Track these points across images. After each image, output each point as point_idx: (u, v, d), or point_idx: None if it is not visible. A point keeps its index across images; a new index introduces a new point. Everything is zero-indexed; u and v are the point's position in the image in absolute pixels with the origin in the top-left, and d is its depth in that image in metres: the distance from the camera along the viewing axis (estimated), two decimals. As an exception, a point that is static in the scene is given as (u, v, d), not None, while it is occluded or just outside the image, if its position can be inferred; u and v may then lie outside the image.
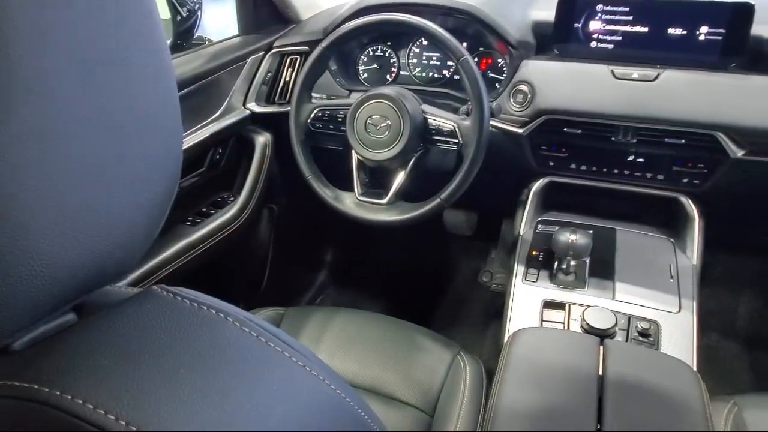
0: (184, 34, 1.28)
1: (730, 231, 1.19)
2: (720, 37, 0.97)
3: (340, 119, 1.08)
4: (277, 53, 1.27)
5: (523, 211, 1.15)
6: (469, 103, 0.99)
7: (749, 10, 0.93)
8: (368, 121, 1.02)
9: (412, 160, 1.05)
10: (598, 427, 0.69)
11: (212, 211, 1.19)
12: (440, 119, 1.02)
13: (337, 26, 1.14)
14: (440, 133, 1.02)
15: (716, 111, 0.95)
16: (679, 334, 0.90)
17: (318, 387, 0.31)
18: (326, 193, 1.09)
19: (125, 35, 0.29)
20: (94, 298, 0.33)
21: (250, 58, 1.25)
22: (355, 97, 1.05)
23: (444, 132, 1.02)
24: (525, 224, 1.14)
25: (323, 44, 1.05)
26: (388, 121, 1.01)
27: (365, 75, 1.32)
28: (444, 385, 0.95)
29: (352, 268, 1.81)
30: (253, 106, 1.24)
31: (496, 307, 1.52)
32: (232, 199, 1.24)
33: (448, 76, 1.26)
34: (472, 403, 0.89)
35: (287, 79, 1.27)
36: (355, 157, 1.08)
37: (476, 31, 1.18)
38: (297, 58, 1.27)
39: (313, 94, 1.12)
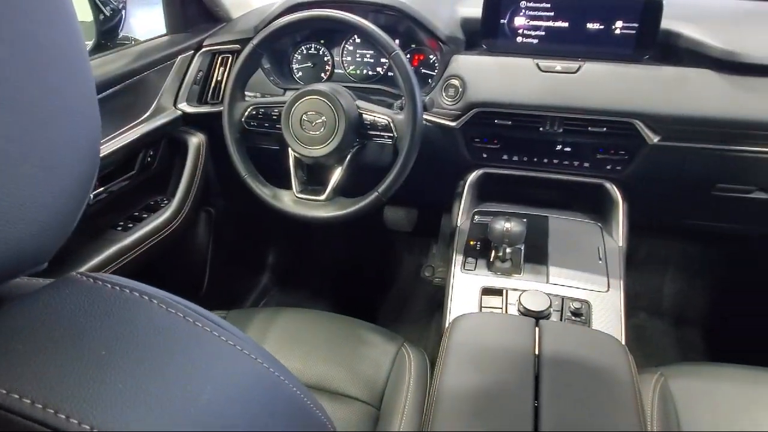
0: (108, 34, 1.24)
1: (652, 214, 1.26)
2: (634, 31, 1.03)
3: (275, 117, 1.07)
4: (207, 52, 1.25)
5: (460, 203, 1.18)
6: (403, 97, 1.00)
7: (658, 5, 1.00)
8: (303, 117, 1.02)
9: (349, 156, 1.06)
10: (536, 403, 0.71)
11: (145, 215, 1.15)
12: (375, 114, 1.03)
13: (268, 23, 1.13)
14: (375, 127, 1.03)
15: (633, 100, 1.01)
16: (609, 311, 0.95)
17: (251, 366, 0.31)
18: (264, 191, 1.08)
19: (33, 16, 0.28)
20: (7, 290, 0.32)
21: (179, 57, 1.22)
22: (290, 95, 1.04)
23: (379, 126, 1.03)
24: (462, 215, 1.16)
25: (254, 41, 1.04)
26: (324, 118, 1.01)
27: (300, 73, 1.31)
28: (389, 377, 0.95)
29: (295, 269, 1.80)
30: (185, 107, 1.21)
31: (439, 300, 1.54)
32: (166, 202, 1.20)
33: (382, 72, 1.27)
34: (418, 393, 0.90)
35: (219, 78, 1.25)
36: (291, 154, 1.07)
37: (407, 29, 1.20)
38: (228, 57, 1.25)
39: (246, 93, 1.11)
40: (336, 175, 1.06)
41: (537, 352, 0.79)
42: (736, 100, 0.97)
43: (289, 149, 1.06)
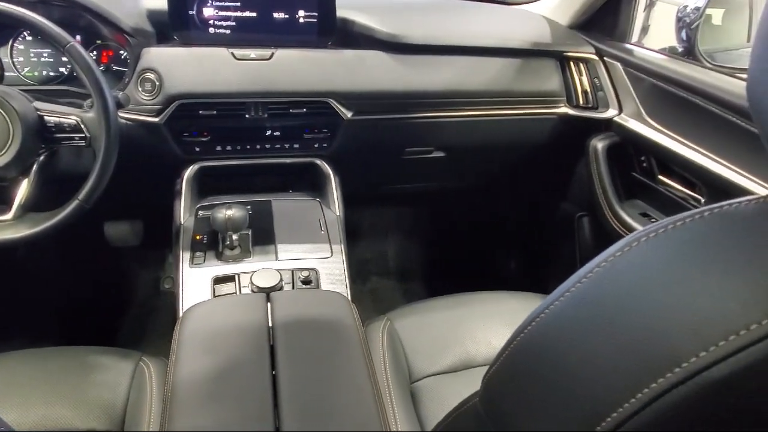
0: None
1: (361, 183, 1.40)
2: (315, 20, 1.13)
3: None
4: None
5: (180, 201, 1.14)
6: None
7: None
8: None
9: (36, 165, 0.93)
10: (273, 372, 0.74)
11: None
12: (59, 115, 0.92)
13: None
14: (62, 130, 0.93)
15: (324, 81, 1.11)
16: (334, 273, 1.03)
17: None
18: None
19: None
20: None
21: None
22: None
23: (67, 128, 0.93)
24: (184, 213, 1.13)
25: None
26: (-8, 124, 0.87)
27: (-46, 80, 1.10)
28: (129, 395, 0.88)
29: (1, 318, 1.51)
30: None
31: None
32: None
33: (66, 72, 1.15)
34: (161, 401, 0.85)
35: None
36: (-47, 172, 0.90)
37: (88, 23, 1.10)
38: None
39: None
40: (22, 189, 0.92)
41: (270, 323, 0.81)
42: (403, 75, 1.14)
43: (-50, 167, 0.88)
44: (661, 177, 1.16)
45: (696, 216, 0.34)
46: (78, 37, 1.12)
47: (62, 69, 1.15)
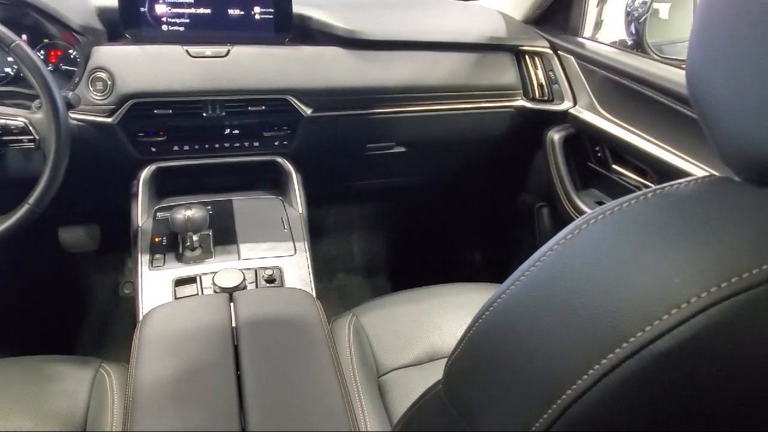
0: None
1: (323, 181, 1.40)
2: (271, 17, 1.11)
3: None
4: None
5: (137, 203, 1.11)
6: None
7: None
8: None
9: (-19, 169, 0.90)
10: (239, 372, 0.73)
11: None
12: (5, 117, 0.89)
13: None
14: (9, 132, 0.90)
15: (282, 78, 1.10)
16: (298, 270, 1.03)
17: None
18: None
19: None
20: None
21: None
22: None
23: (14, 130, 0.90)
24: (142, 215, 1.10)
25: None
26: (-68, 127, 0.83)
27: None
28: (90, 404, 0.86)
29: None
30: None
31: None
32: None
33: (12, 73, 1.11)
34: (123, 408, 0.84)
35: None
36: None
37: (35, 21, 1.06)
38: None
39: None
40: (-32, 195, 0.88)
41: (234, 323, 0.81)
42: (361, 71, 1.15)
43: None
44: (614, 166, 1.19)
45: (640, 198, 0.35)
46: (24, 36, 1.08)
47: (8, 69, 1.11)
